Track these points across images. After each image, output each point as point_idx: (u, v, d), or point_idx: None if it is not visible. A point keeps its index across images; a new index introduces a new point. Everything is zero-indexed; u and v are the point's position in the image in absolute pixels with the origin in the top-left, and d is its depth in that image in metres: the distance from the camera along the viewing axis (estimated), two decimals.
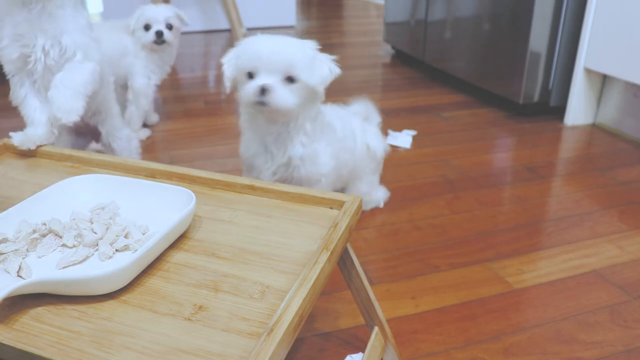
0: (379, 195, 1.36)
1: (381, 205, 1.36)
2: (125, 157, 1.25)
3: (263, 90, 0.94)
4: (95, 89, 1.08)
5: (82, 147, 1.32)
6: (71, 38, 1.04)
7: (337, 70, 1.00)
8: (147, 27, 1.66)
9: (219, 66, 2.85)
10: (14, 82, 1.06)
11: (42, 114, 1.04)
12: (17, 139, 0.95)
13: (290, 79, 0.96)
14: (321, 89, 0.99)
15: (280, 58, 0.94)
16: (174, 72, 2.58)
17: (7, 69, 1.05)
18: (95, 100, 1.15)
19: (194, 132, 1.84)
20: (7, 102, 1.10)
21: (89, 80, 1.04)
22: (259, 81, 0.95)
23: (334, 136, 1.10)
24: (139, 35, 1.67)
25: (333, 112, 1.15)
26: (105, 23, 2.02)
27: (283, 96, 0.95)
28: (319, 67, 0.98)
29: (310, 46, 0.98)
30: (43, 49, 1.01)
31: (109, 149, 1.27)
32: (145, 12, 1.66)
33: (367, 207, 1.34)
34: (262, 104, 0.95)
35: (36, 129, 1.01)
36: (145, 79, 1.73)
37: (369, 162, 1.26)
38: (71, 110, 1.00)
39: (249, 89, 0.95)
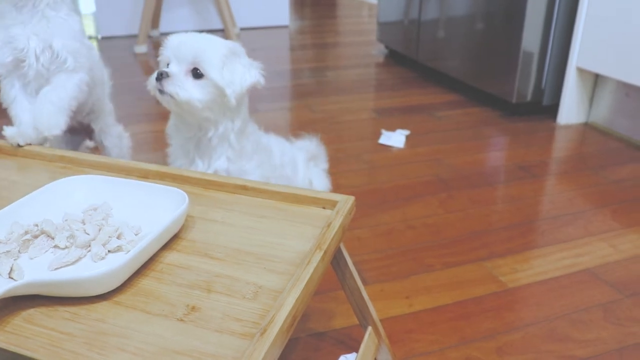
0: None
1: None
2: (117, 157, 1.27)
3: (161, 76, 0.89)
4: (82, 100, 1.09)
5: (76, 145, 1.32)
6: (62, 43, 1.03)
7: (257, 78, 0.93)
8: None
9: None
10: (4, 84, 1.06)
11: (28, 117, 1.04)
12: (9, 132, 0.96)
13: (197, 74, 0.90)
14: (230, 92, 0.90)
15: (187, 48, 0.89)
16: None
17: (2, 74, 1.05)
18: (89, 100, 1.16)
19: None
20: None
21: (74, 96, 1.05)
22: (162, 69, 0.90)
23: (268, 160, 1.05)
24: None
25: (273, 139, 1.10)
26: None
27: (183, 86, 0.89)
28: (236, 69, 0.91)
29: (228, 45, 0.92)
30: (35, 53, 1.01)
31: (101, 146, 1.28)
32: None
33: None
34: (161, 92, 0.90)
35: (25, 129, 1.01)
36: None
37: None
38: (54, 126, 1.01)
39: (151, 75, 0.90)
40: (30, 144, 0.97)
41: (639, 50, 1.61)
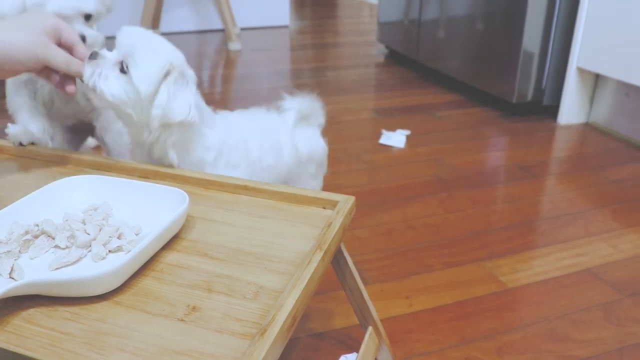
0: None
1: None
2: (117, 153, 1.28)
3: (91, 55, 0.81)
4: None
5: (78, 143, 1.33)
6: None
7: (192, 115, 0.82)
8: None
9: (213, 66, 2.84)
10: (9, 91, 1.06)
11: (35, 124, 1.04)
12: (12, 129, 0.95)
13: (124, 67, 0.81)
14: (157, 113, 0.80)
15: (128, 39, 0.82)
16: None
17: (9, 81, 1.04)
18: None
19: None
20: (2, 103, 1.10)
21: None
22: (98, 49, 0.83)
23: (246, 157, 0.96)
24: None
25: (249, 127, 1.00)
26: None
27: (102, 72, 0.81)
28: (178, 96, 0.81)
29: (180, 66, 0.83)
30: None
31: (102, 143, 1.29)
32: None
33: None
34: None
35: (29, 129, 1.01)
36: None
37: (305, 166, 1.11)
38: None
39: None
40: (32, 143, 0.96)
41: (639, 50, 1.61)
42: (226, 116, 0.98)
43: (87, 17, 0.95)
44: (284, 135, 1.06)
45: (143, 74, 0.80)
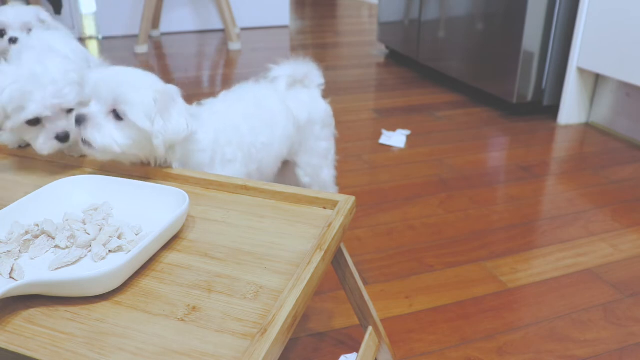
0: (324, 175, 1.15)
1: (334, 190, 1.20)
2: None
3: (79, 120, 0.80)
4: None
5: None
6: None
7: (191, 128, 0.83)
8: (1, 33, 1.32)
9: (213, 66, 2.84)
10: None
11: None
12: (4, 137, 0.95)
13: (118, 114, 0.80)
14: (160, 141, 0.80)
15: (106, 86, 0.80)
16: (167, 72, 2.58)
17: None
18: None
19: None
20: None
21: None
22: (80, 110, 0.81)
23: (239, 147, 0.95)
24: None
25: (239, 108, 0.98)
26: None
27: (101, 129, 0.80)
28: (172, 116, 0.82)
29: (158, 88, 0.82)
30: None
31: None
32: None
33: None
34: (83, 141, 0.81)
35: None
36: None
37: (308, 129, 1.10)
38: None
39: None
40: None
41: (639, 50, 1.62)
42: (212, 107, 0.96)
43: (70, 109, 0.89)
44: (276, 105, 1.04)
45: (142, 112, 0.79)
